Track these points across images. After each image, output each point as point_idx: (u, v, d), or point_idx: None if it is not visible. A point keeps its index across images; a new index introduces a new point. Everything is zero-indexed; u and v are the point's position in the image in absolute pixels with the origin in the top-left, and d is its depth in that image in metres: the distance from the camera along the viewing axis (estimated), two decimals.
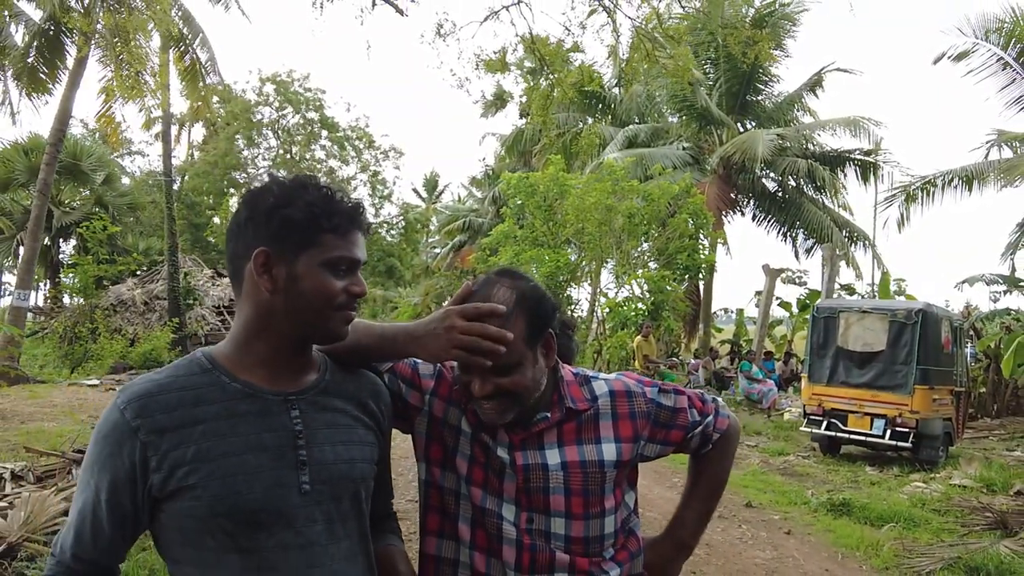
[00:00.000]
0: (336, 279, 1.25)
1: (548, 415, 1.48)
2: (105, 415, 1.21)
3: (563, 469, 1.45)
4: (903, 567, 5.69)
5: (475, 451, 1.47)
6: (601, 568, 1.48)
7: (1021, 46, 16.71)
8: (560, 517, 1.44)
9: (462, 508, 1.47)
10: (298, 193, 1.25)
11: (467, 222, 32.49)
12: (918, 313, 10.09)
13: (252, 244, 1.24)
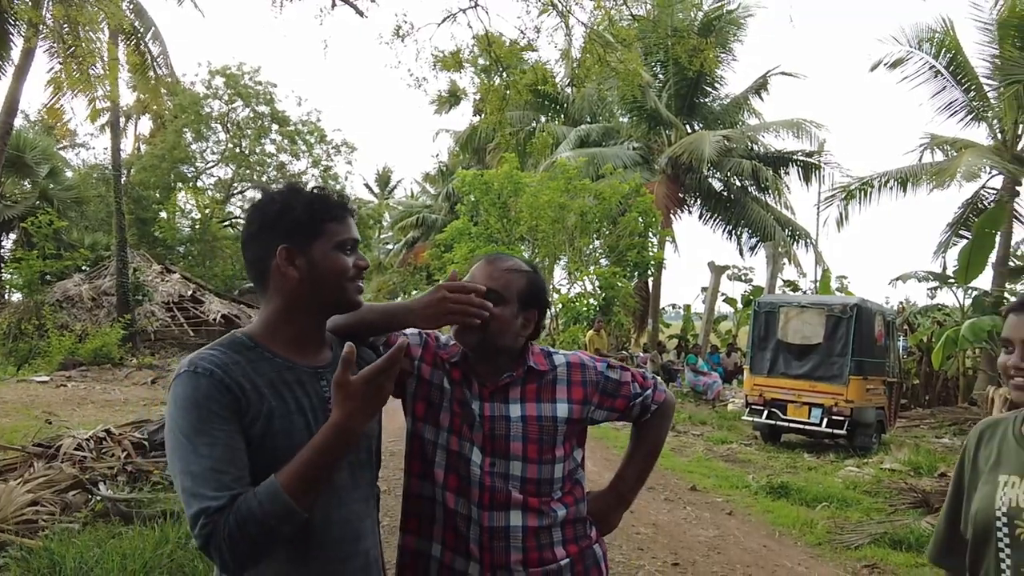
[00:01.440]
0: (346, 256, 1.55)
1: (513, 373, 1.78)
2: (186, 384, 1.40)
3: (523, 421, 1.75)
4: (835, 542, 6.14)
5: (453, 407, 1.76)
6: (550, 507, 1.77)
7: (951, 55, 17.58)
8: (517, 461, 1.73)
9: (438, 455, 1.76)
10: (296, 196, 1.54)
11: (420, 218, 32.57)
12: (853, 308, 10.68)
13: (272, 245, 1.50)
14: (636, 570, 5.12)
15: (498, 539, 1.72)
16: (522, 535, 1.73)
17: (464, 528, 1.73)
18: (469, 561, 1.73)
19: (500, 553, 1.71)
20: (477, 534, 1.72)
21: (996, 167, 16.70)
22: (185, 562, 4.22)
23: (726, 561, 5.51)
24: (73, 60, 11.54)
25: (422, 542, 1.79)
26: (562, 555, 1.77)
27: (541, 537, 1.75)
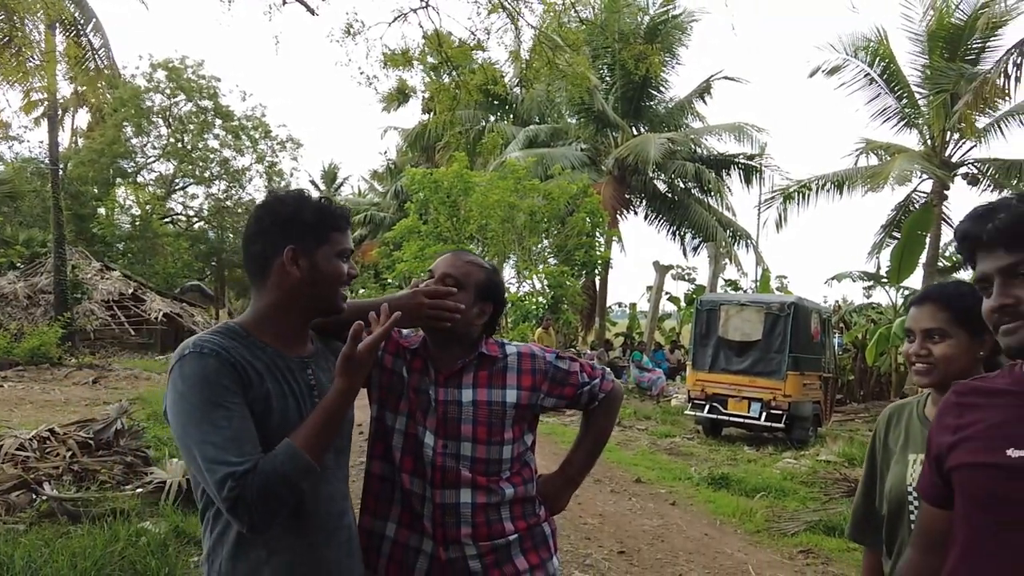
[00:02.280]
0: (343, 264, 1.70)
1: (467, 359, 1.92)
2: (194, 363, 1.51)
3: (474, 406, 1.88)
4: (772, 530, 6.43)
5: (411, 394, 1.90)
6: (498, 485, 1.89)
7: (885, 64, 18.29)
8: (468, 442, 1.86)
9: (395, 439, 1.88)
10: (306, 202, 1.68)
11: (368, 216, 32.32)
12: (790, 306, 11.09)
13: (281, 244, 1.63)
14: (584, 558, 5.30)
15: (449, 515, 1.84)
16: (471, 511, 1.85)
17: (419, 506, 1.85)
18: (423, 537, 1.85)
19: (451, 528, 1.84)
20: (430, 511, 1.84)
21: (926, 172, 17.45)
22: (137, 559, 4.22)
23: (669, 549, 5.72)
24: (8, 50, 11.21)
25: (377, 522, 1.90)
26: (510, 530, 1.90)
27: (490, 513, 1.87)
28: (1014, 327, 1.26)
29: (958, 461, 1.34)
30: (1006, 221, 1.26)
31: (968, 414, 1.37)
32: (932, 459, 1.43)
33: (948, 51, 17.43)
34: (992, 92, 13.26)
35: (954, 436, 1.37)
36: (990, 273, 1.30)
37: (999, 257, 1.28)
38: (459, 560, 1.85)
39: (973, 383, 1.45)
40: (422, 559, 1.86)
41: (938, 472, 1.41)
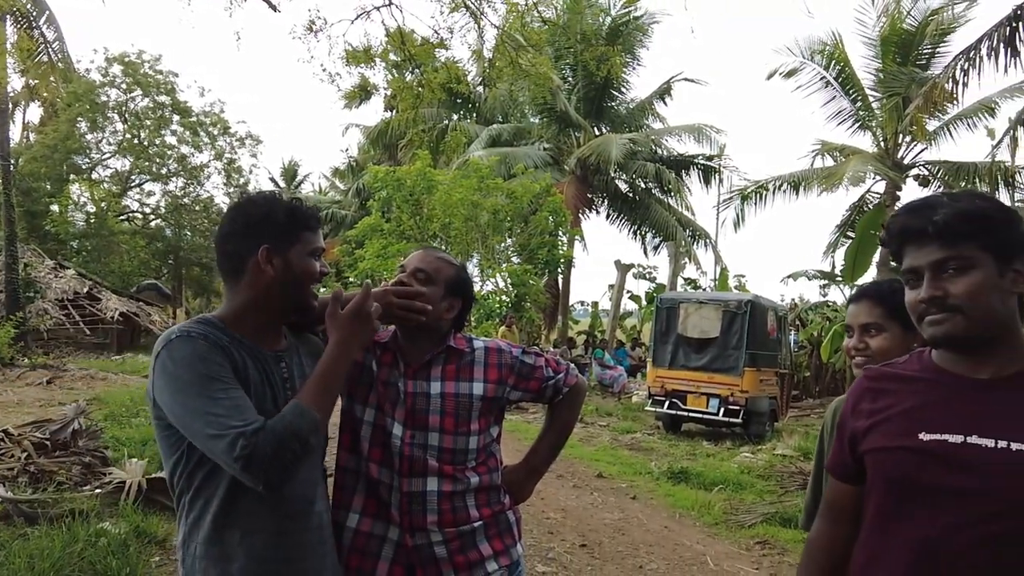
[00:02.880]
0: (315, 263, 1.76)
1: (435, 352, 1.99)
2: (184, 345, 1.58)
3: (441, 398, 1.95)
4: (730, 522, 6.59)
5: (379, 387, 1.96)
6: (464, 474, 1.96)
7: (840, 67, 18.74)
8: (435, 432, 1.93)
9: (364, 430, 1.94)
10: (276, 203, 1.74)
11: (329, 214, 32.04)
12: (747, 304, 11.33)
13: (255, 244, 1.69)
14: (547, 551, 5.38)
15: (416, 503, 1.90)
16: (437, 499, 1.91)
17: (386, 495, 1.91)
18: (389, 525, 1.91)
19: (418, 516, 1.90)
20: (397, 499, 1.90)
21: (879, 173, 17.92)
22: (97, 560, 4.19)
23: (630, 541, 5.84)
24: None
25: (340, 512, 1.95)
26: (475, 516, 1.96)
27: (455, 501, 1.94)
28: (941, 318, 1.35)
29: (873, 444, 1.43)
30: (947, 218, 1.33)
31: (881, 399, 1.46)
32: (846, 440, 1.52)
33: (900, 56, 17.95)
34: (941, 96, 13.66)
35: (868, 420, 1.46)
36: (921, 266, 1.37)
37: (932, 252, 1.35)
38: (425, 546, 1.91)
39: (884, 369, 1.54)
40: (388, 547, 1.92)
41: (851, 453, 1.49)
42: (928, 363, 1.45)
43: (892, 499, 1.40)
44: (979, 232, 1.32)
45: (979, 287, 1.32)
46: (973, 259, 1.33)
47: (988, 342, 1.35)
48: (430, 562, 1.92)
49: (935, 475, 1.33)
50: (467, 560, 1.95)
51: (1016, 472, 1.27)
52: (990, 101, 17.12)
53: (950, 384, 1.39)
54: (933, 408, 1.38)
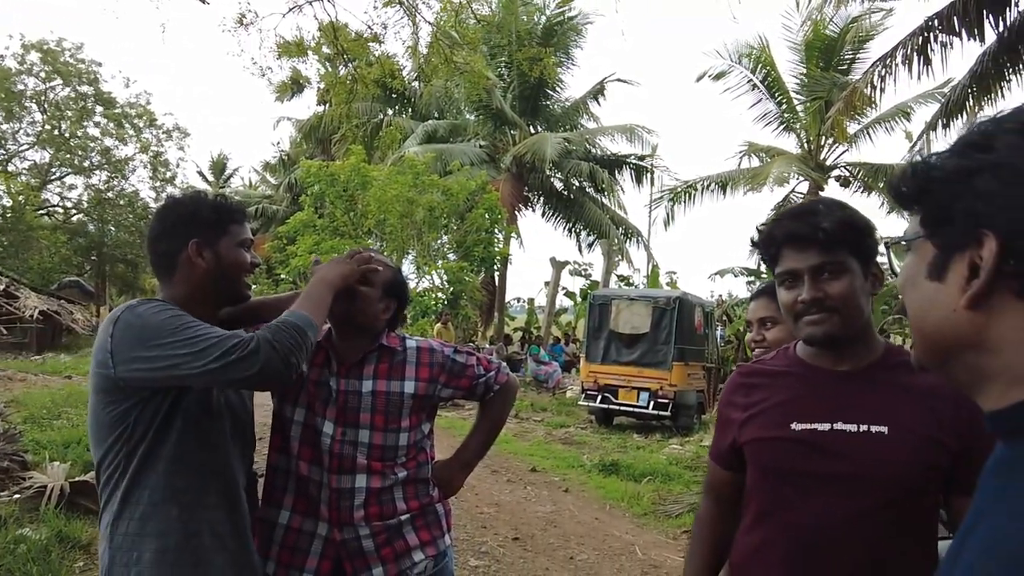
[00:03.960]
0: (245, 253, 1.83)
1: (368, 351, 2.04)
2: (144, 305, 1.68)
3: (373, 395, 2.00)
4: (658, 512, 6.80)
5: (310, 387, 2.00)
6: (392, 470, 2.02)
7: (766, 71, 19.33)
8: (366, 429, 1.99)
9: (294, 429, 1.99)
10: (202, 200, 1.82)
11: (260, 209, 31.37)
12: (675, 300, 11.66)
13: (184, 239, 1.75)
14: (479, 546, 5.45)
15: (344, 499, 1.96)
16: (366, 494, 1.97)
17: (315, 492, 1.96)
18: (318, 521, 1.97)
19: (346, 511, 1.96)
20: (327, 496, 1.95)
21: (802, 174, 18.59)
22: (16, 567, 4.09)
23: (561, 533, 5.97)
24: None
25: (271, 510, 2.00)
26: (403, 509, 2.02)
27: (383, 495, 2.00)
28: (820, 318, 1.47)
29: (750, 436, 1.57)
30: (831, 225, 1.43)
31: (755, 393, 1.59)
32: (723, 431, 1.66)
33: (823, 61, 18.63)
34: (860, 101, 14.27)
35: (744, 413, 1.59)
36: (801, 269, 1.47)
37: (812, 256, 1.47)
38: (352, 540, 1.97)
39: (755, 366, 1.69)
40: (317, 542, 1.97)
41: (729, 443, 1.63)
42: (794, 359, 1.59)
43: (771, 487, 1.53)
44: (850, 240, 1.46)
45: (852, 289, 1.45)
46: (846, 264, 1.45)
47: (853, 339, 1.49)
48: (358, 555, 1.97)
49: (808, 461, 1.46)
50: (393, 551, 2.01)
51: (876, 452, 1.41)
52: (906, 106, 17.94)
53: (815, 377, 1.53)
54: (802, 400, 1.51)
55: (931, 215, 0.80)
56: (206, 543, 1.70)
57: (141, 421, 1.64)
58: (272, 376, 1.59)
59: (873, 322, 1.55)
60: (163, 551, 1.65)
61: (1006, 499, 0.72)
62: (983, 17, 8.92)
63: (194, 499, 1.70)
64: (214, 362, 1.54)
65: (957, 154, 0.77)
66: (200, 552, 1.69)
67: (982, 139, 0.76)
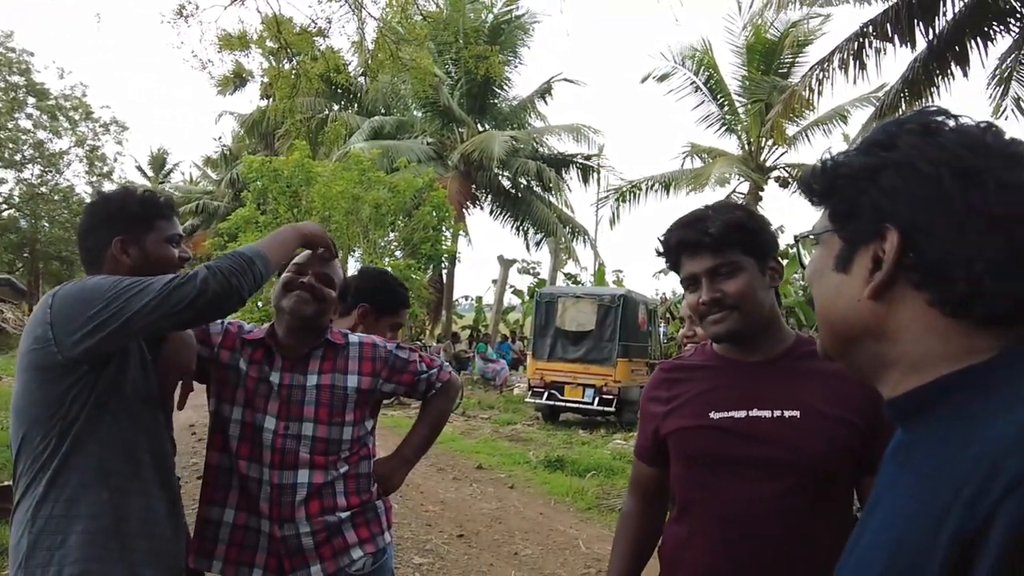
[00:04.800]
0: (173, 249, 1.82)
1: (313, 346, 2.05)
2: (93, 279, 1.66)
3: (317, 389, 2.01)
4: (602, 506, 6.89)
5: (247, 384, 1.99)
6: (335, 465, 2.02)
7: (709, 73, 19.70)
8: (310, 423, 1.99)
9: (232, 428, 1.98)
10: (130, 195, 1.81)
11: (200, 205, 30.70)
12: (620, 298, 11.82)
13: (109, 236, 1.75)
14: (424, 543, 5.44)
15: (286, 495, 1.95)
16: (307, 490, 1.96)
17: (255, 489, 1.95)
18: (260, 518, 1.96)
19: (287, 507, 1.95)
20: (267, 492, 1.94)
21: (743, 174, 19.02)
22: None
23: (506, 529, 6.00)
24: None
25: (215, 509, 1.99)
26: (343, 505, 2.02)
27: (324, 490, 1.99)
28: (721, 316, 1.56)
29: (672, 427, 1.64)
30: (718, 230, 1.53)
31: (676, 387, 1.68)
32: (647, 426, 1.73)
33: (764, 64, 19.08)
34: (799, 103, 14.67)
35: (666, 407, 1.67)
36: (699, 273, 1.56)
37: (706, 260, 1.56)
38: (293, 537, 1.96)
39: (675, 362, 1.78)
40: (262, 538, 1.96)
41: (653, 437, 1.70)
42: (711, 353, 1.68)
43: (694, 475, 1.61)
44: (741, 239, 1.54)
45: (747, 286, 1.54)
46: (739, 263, 1.54)
47: (759, 331, 1.58)
48: (296, 552, 1.96)
49: (726, 448, 1.54)
50: (332, 549, 2.00)
51: (790, 436, 1.49)
52: (843, 109, 18.50)
53: (730, 369, 1.62)
54: (719, 390, 1.60)
55: (839, 210, 0.84)
56: (134, 528, 1.68)
57: (78, 400, 1.62)
58: (216, 298, 1.60)
59: (780, 313, 1.63)
60: (92, 533, 1.62)
61: (901, 482, 0.77)
62: (914, 25, 9.28)
63: (125, 482, 1.68)
64: (156, 296, 1.56)
65: (863, 152, 0.82)
66: (127, 538, 1.67)
67: (886, 138, 0.80)
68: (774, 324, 1.60)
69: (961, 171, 0.74)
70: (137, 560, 1.67)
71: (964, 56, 9.24)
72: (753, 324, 1.56)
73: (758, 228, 1.57)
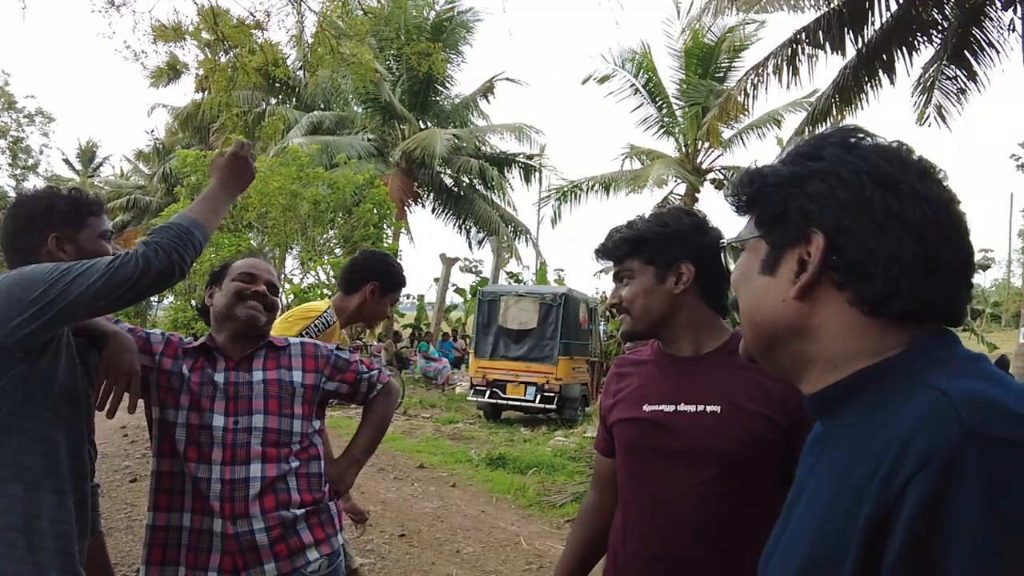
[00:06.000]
0: (107, 245, 1.81)
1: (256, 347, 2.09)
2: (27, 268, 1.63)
3: (264, 384, 2.05)
4: (543, 503, 6.96)
5: (191, 387, 2.00)
6: (287, 459, 2.03)
7: (648, 76, 19.97)
8: (260, 414, 2.00)
9: (178, 432, 1.97)
10: (57, 194, 1.78)
11: (132, 199, 29.71)
12: (561, 296, 11.94)
13: (43, 235, 1.71)
14: (366, 543, 5.40)
15: (238, 490, 1.94)
16: (260, 484, 1.96)
17: (205, 489, 1.94)
18: (212, 518, 1.94)
19: (240, 503, 1.94)
20: (218, 490, 1.93)
21: (680, 176, 19.36)
22: None
23: (448, 528, 6.01)
24: None
25: (173, 516, 1.98)
26: (297, 501, 2.03)
27: (278, 484, 1.99)
28: (620, 318, 1.72)
29: (615, 418, 1.73)
30: (613, 242, 1.70)
31: (622, 381, 1.77)
32: (602, 419, 1.83)
33: (701, 68, 19.45)
34: (735, 108, 15.05)
35: (613, 399, 1.77)
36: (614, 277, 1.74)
37: (613, 267, 1.73)
38: (246, 534, 1.94)
39: (627, 357, 1.87)
40: (215, 539, 1.95)
41: (605, 429, 1.80)
42: (656, 349, 1.77)
43: (630, 465, 1.69)
44: (637, 250, 1.68)
45: (637, 292, 1.67)
46: (635, 271, 1.68)
47: (659, 331, 1.70)
48: (251, 549, 1.95)
49: (656, 439, 1.62)
50: (288, 548, 1.99)
51: (710, 429, 1.56)
52: (777, 113, 18.98)
53: (666, 364, 1.71)
54: (653, 384, 1.69)
55: (765, 216, 0.89)
56: (44, 527, 1.64)
57: (5, 392, 1.59)
58: (159, 275, 1.59)
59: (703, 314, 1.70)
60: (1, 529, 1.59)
61: (820, 471, 0.82)
62: (844, 33, 9.62)
63: (40, 480, 1.65)
64: (100, 276, 1.54)
65: (791, 162, 0.88)
66: (37, 536, 1.63)
67: (812, 150, 0.86)
68: (697, 324, 1.69)
69: (881, 180, 0.80)
70: (44, 560, 1.63)
71: (891, 64, 9.62)
72: (648, 326, 1.68)
73: (660, 241, 1.66)
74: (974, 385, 0.71)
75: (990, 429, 0.65)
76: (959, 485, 0.63)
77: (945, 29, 9.51)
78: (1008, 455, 0.64)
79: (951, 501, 0.63)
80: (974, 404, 0.67)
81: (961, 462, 0.64)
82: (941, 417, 0.67)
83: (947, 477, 0.64)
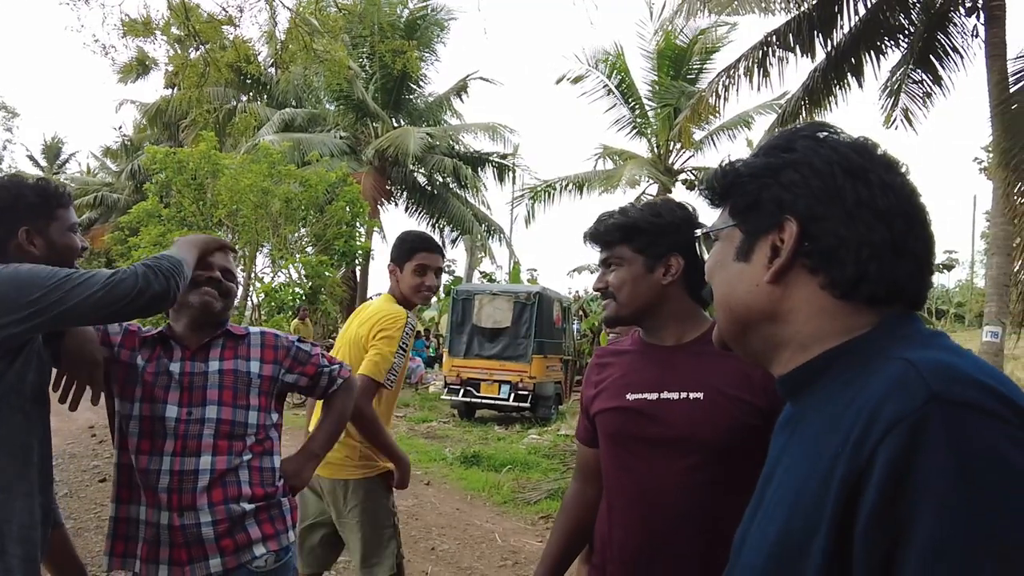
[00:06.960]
0: (76, 237, 1.81)
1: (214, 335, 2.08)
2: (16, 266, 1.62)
3: (220, 374, 2.03)
4: (517, 500, 6.98)
5: (145, 379, 1.98)
6: (239, 452, 2.01)
7: (621, 77, 20.09)
8: (213, 405, 1.99)
9: (131, 425, 1.97)
10: (24, 185, 1.76)
11: (99, 197, 29.22)
12: (535, 295, 11.98)
13: (12, 226, 1.70)
14: None
15: (187, 481, 1.93)
16: (209, 476, 1.95)
17: (155, 481, 1.92)
18: (160, 511, 1.93)
19: (187, 495, 1.92)
20: (167, 482, 1.92)
21: (652, 177, 19.52)
22: None
23: (423, 525, 6.02)
24: None
25: (131, 507, 1.96)
26: (247, 494, 2.00)
27: (228, 477, 1.97)
28: (605, 304, 1.75)
29: (598, 408, 1.75)
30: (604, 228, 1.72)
31: (604, 371, 1.80)
32: (584, 409, 1.84)
33: (673, 70, 19.62)
34: (706, 109, 15.21)
35: (595, 389, 1.79)
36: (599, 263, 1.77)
37: (601, 252, 1.76)
38: (193, 527, 1.92)
39: (608, 347, 1.90)
40: (162, 532, 1.93)
41: (587, 419, 1.81)
42: (637, 339, 1.80)
43: (614, 453, 1.71)
44: (629, 238, 1.70)
45: (625, 279, 1.70)
46: (624, 259, 1.71)
47: (644, 318, 1.73)
48: (196, 542, 1.93)
49: (640, 427, 1.65)
50: (234, 543, 1.97)
51: (693, 416, 1.60)
52: (747, 115, 19.22)
53: (648, 353, 1.74)
54: (636, 373, 1.71)
55: (740, 205, 0.93)
56: (14, 532, 1.62)
57: None
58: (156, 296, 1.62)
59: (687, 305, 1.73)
60: None
61: (793, 449, 0.86)
62: (814, 36, 9.79)
63: (11, 483, 1.63)
64: (101, 288, 1.55)
65: (764, 155, 0.92)
66: (6, 541, 1.60)
67: (785, 143, 0.91)
68: (680, 313, 1.72)
69: (851, 170, 0.85)
70: (12, 566, 1.61)
71: (859, 68, 9.81)
72: (628, 313, 1.71)
73: (652, 231, 1.69)
74: (939, 355, 0.76)
75: (954, 394, 0.69)
76: (926, 446, 0.67)
77: (912, 34, 9.72)
78: (971, 418, 0.68)
79: (918, 462, 0.67)
80: (939, 371, 0.72)
81: (928, 424, 0.68)
82: (908, 384, 0.72)
83: (914, 439, 0.68)
